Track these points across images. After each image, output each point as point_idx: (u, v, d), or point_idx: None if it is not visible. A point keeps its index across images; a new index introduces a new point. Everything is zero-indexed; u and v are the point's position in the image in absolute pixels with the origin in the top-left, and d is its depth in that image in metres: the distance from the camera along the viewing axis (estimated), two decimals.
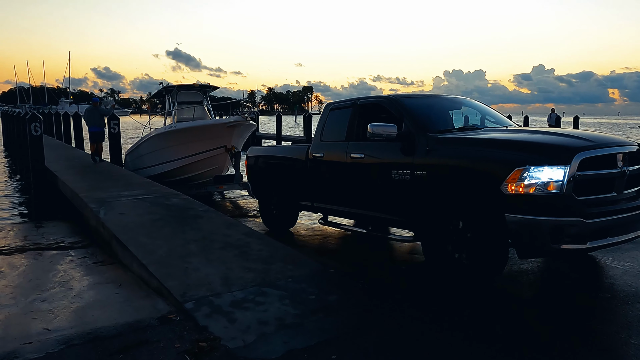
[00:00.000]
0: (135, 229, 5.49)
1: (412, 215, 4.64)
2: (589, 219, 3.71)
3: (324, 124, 6.07)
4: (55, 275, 4.85)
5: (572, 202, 3.75)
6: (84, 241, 6.46)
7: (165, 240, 5.06)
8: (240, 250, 4.77)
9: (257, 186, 7.16)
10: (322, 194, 5.92)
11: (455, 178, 4.27)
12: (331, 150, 5.74)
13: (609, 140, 4.25)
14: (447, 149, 4.43)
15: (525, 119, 26.49)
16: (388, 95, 5.58)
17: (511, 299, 3.99)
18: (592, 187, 3.91)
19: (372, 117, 5.30)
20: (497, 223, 3.87)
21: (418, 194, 4.54)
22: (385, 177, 4.85)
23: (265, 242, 5.10)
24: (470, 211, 4.13)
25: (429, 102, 5.68)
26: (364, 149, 5.24)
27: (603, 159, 3.96)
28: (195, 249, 4.80)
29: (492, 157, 4.04)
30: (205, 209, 6.61)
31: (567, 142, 4.03)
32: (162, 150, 12.06)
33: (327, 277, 4.20)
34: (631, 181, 4.19)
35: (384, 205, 5.02)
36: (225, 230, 5.52)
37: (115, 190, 7.97)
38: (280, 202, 6.66)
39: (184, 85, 14.01)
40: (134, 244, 4.92)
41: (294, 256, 4.67)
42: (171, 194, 7.63)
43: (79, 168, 11.09)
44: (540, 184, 3.73)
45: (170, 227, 5.61)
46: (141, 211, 6.40)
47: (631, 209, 4.05)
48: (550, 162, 3.76)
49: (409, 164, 4.63)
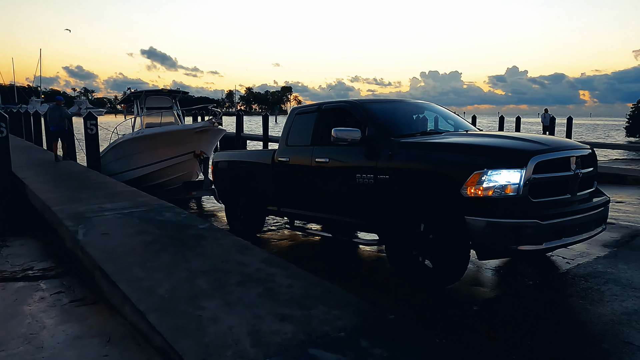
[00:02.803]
0: (124, 256, 4.37)
1: (376, 218, 4.72)
2: (544, 221, 3.81)
3: (289, 128, 6.10)
4: (20, 322, 3.69)
5: (528, 204, 3.88)
6: (57, 267, 5.29)
7: (165, 273, 3.96)
8: (265, 286, 3.71)
9: (223, 191, 7.19)
10: (288, 199, 5.96)
11: (417, 182, 4.39)
12: (297, 154, 5.79)
13: (563, 144, 4.44)
14: (409, 153, 4.52)
15: (501, 119, 25.97)
16: (352, 100, 5.56)
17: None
18: (547, 190, 4.06)
19: (337, 122, 5.35)
20: (458, 226, 3.95)
21: (381, 197, 4.62)
22: (350, 181, 4.93)
23: (292, 272, 4.04)
24: (431, 214, 4.23)
25: (393, 106, 5.75)
26: (329, 153, 5.30)
27: (557, 162, 4.12)
28: (205, 285, 3.72)
29: (452, 161, 4.15)
30: (207, 226, 5.51)
31: (523, 146, 4.12)
32: (130, 156, 11.86)
33: (390, 326, 3.17)
34: (584, 183, 4.40)
35: (349, 209, 5.08)
36: (238, 256, 4.44)
37: (96, 201, 6.78)
38: (247, 207, 6.67)
39: (152, 90, 13.88)
40: (126, 278, 3.81)
41: (335, 294, 3.62)
42: (163, 207, 6.49)
43: (52, 174, 9.80)
44: (498, 187, 3.86)
45: (168, 252, 4.51)
46: (130, 230, 5.26)
47: (584, 210, 4.20)
48: (507, 165, 3.88)
49: (373, 168, 4.72)
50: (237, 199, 6.85)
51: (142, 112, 13.02)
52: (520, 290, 4.38)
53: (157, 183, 11.54)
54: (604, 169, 13.24)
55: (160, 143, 11.11)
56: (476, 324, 3.59)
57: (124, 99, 15.29)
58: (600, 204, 4.43)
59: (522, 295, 4.26)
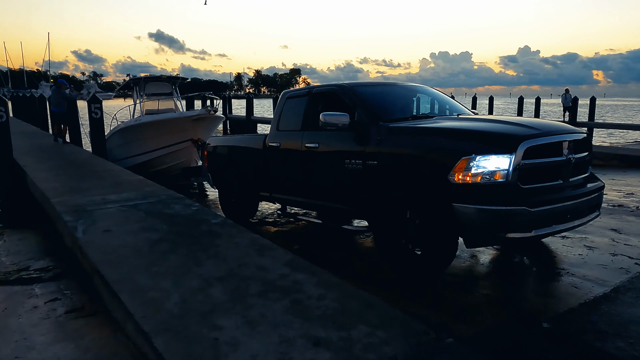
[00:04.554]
0: (127, 259, 3.81)
1: (365, 205, 4.63)
2: (533, 207, 3.70)
3: (280, 113, 5.98)
4: (7, 340, 3.16)
5: (518, 191, 3.77)
6: (56, 266, 4.78)
7: (174, 280, 3.40)
8: (292, 297, 3.13)
9: (216, 176, 7.14)
10: (280, 185, 5.91)
11: (405, 167, 4.29)
12: (287, 139, 5.69)
13: (555, 128, 4.27)
14: (397, 138, 4.42)
15: (520, 101, 25.17)
16: (342, 84, 5.45)
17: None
18: (538, 175, 3.94)
19: (328, 106, 5.27)
20: (446, 212, 3.86)
21: (370, 183, 4.55)
22: (339, 167, 4.86)
23: (322, 279, 3.45)
24: (419, 201, 4.13)
25: (384, 90, 5.60)
26: (319, 139, 5.21)
27: (548, 147, 3.99)
28: (222, 296, 3.15)
29: (440, 147, 4.04)
30: (221, 221, 4.93)
31: (512, 131, 4.00)
32: (129, 144, 11.88)
33: (451, 353, 2.59)
34: (577, 169, 4.28)
35: (339, 195, 5.02)
36: (257, 258, 3.86)
37: (99, 192, 6.23)
38: (240, 192, 6.59)
39: (152, 76, 13.79)
40: (129, 288, 3.26)
41: (376, 308, 3.03)
42: (171, 198, 5.92)
43: (55, 161, 9.27)
44: (486, 173, 3.76)
45: (177, 253, 3.95)
46: (135, 226, 4.70)
47: (577, 196, 4.07)
48: (496, 151, 3.77)
49: (361, 154, 4.63)
50: (230, 184, 6.79)
51: (142, 98, 13.03)
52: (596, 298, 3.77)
53: (157, 170, 11.51)
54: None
55: (157, 131, 11.17)
56: (551, 348, 2.99)
57: (123, 85, 15.27)
58: (594, 190, 4.30)
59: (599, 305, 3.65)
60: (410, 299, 3.81)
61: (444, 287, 3.95)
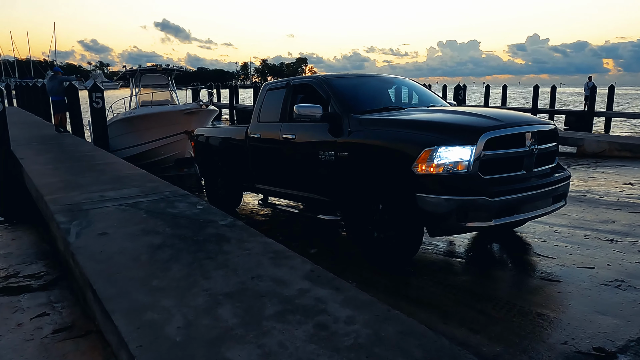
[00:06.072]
0: (124, 269, 3.34)
1: (337, 195, 4.77)
2: (493, 197, 3.77)
3: (261, 104, 6.07)
4: None
5: (478, 181, 3.84)
6: (48, 272, 4.33)
7: (177, 297, 2.92)
8: (315, 320, 2.65)
9: (203, 166, 7.28)
10: (261, 175, 6.05)
11: (372, 159, 4.39)
12: (267, 130, 5.80)
13: (517, 119, 4.34)
14: (367, 129, 4.50)
15: (535, 89, 24.38)
16: (317, 76, 5.60)
17: None
18: (499, 166, 4.01)
19: (305, 98, 5.41)
20: (410, 202, 3.95)
21: (341, 174, 4.66)
22: (313, 158, 4.97)
23: (349, 296, 2.96)
24: (386, 191, 4.23)
25: (359, 82, 5.70)
26: (295, 130, 5.32)
27: (510, 138, 4.05)
28: (232, 318, 2.67)
29: (405, 138, 4.13)
30: (230, 222, 4.44)
31: (474, 122, 4.09)
32: (124, 135, 12.00)
33: None
34: (542, 159, 4.35)
35: (314, 185, 5.15)
36: (272, 268, 3.38)
37: (98, 188, 5.77)
38: (225, 182, 6.75)
39: (147, 68, 14.03)
40: (124, 308, 2.78)
41: (417, 334, 2.54)
42: (175, 196, 5.44)
43: (54, 153, 8.82)
44: (448, 164, 3.83)
45: (181, 262, 3.47)
46: (134, 228, 4.23)
47: (540, 186, 4.13)
48: (457, 142, 3.85)
49: (333, 145, 4.73)
50: (215, 174, 6.95)
51: (138, 89, 13.16)
52: None
53: (151, 162, 11.65)
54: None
55: (151, 124, 11.39)
56: None
57: (119, 77, 15.39)
58: (559, 180, 4.36)
59: None
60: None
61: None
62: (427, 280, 4.04)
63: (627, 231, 5.06)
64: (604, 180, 8.57)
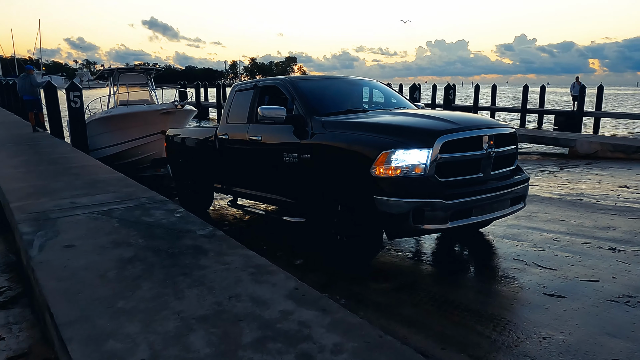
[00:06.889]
0: (88, 287, 3.02)
1: (301, 197, 4.81)
2: (449, 200, 3.79)
3: (230, 105, 6.02)
4: None
5: (434, 184, 3.86)
6: (12, 287, 3.99)
7: (143, 322, 2.61)
8: (299, 350, 2.35)
9: (174, 167, 7.21)
10: (230, 177, 5.98)
11: (333, 161, 4.39)
12: (235, 132, 5.75)
13: (475, 122, 4.32)
14: (328, 132, 4.50)
15: (525, 89, 24.32)
16: (283, 77, 5.54)
17: None
18: (456, 169, 4.01)
19: (271, 100, 5.56)
20: (368, 205, 3.95)
21: (304, 176, 4.66)
22: (279, 160, 4.95)
23: (336, 319, 2.67)
24: (345, 193, 4.26)
25: (325, 84, 5.70)
26: (262, 131, 5.30)
27: (467, 141, 4.04)
28: (204, 347, 2.37)
29: (364, 141, 4.13)
30: (209, 232, 4.13)
31: (431, 125, 4.09)
32: (100, 135, 11.82)
33: None
34: (501, 162, 4.35)
35: (279, 187, 5.15)
36: (252, 285, 3.08)
37: (70, 194, 5.41)
38: (196, 183, 6.67)
39: (125, 67, 14.06)
40: (82, 335, 2.46)
41: None
42: (153, 202, 5.11)
43: (28, 155, 8.43)
44: (405, 167, 3.86)
45: (152, 279, 3.15)
46: (104, 239, 3.90)
47: (497, 188, 4.15)
48: (414, 145, 3.86)
49: (297, 147, 4.72)
50: (186, 175, 6.88)
51: (115, 89, 13.04)
52: None
53: (129, 161, 11.52)
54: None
55: (127, 123, 11.26)
56: None
57: (97, 76, 15.25)
58: (518, 182, 4.38)
59: None
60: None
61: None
62: (421, 296, 3.75)
63: (629, 239, 4.83)
64: (598, 183, 8.38)
